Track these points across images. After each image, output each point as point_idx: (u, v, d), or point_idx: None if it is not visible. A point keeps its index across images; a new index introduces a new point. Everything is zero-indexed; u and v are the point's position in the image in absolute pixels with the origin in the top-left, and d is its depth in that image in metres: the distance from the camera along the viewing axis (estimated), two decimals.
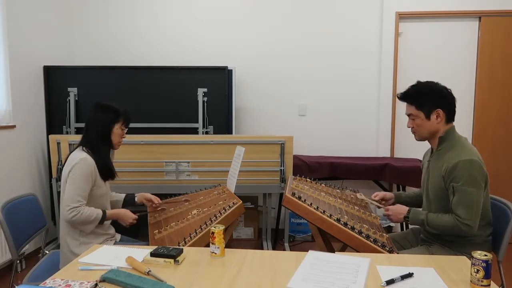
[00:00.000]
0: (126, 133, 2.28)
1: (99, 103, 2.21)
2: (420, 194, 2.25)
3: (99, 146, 2.14)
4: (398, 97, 2.06)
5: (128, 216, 2.17)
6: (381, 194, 2.25)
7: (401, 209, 2.01)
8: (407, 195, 2.28)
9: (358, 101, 4.01)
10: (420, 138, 2.04)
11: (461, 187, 1.83)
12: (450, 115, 1.97)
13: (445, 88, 1.97)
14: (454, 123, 2.01)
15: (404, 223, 3.69)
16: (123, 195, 2.41)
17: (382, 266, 1.53)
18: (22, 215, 2.13)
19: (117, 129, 2.18)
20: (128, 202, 2.40)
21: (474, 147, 1.93)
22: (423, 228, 1.97)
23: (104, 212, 2.10)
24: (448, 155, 1.92)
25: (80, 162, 2.04)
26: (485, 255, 1.34)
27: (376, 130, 4.01)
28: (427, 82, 2.01)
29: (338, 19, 3.95)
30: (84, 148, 2.14)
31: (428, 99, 1.96)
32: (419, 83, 2.02)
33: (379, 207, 2.23)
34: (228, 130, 3.62)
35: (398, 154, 4.01)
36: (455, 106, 1.98)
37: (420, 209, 2.07)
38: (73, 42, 4.09)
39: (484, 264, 1.33)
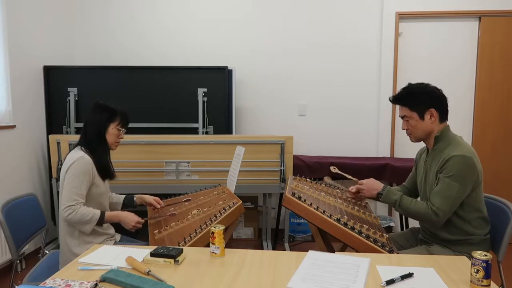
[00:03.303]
0: (126, 133, 2.26)
1: (97, 102, 2.20)
2: (400, 191, 2.26)
3: (96, 146, 2.13)
4: (390, 101, 2.08)
5: (130, 219, 2.10)
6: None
7: (376, 185, 2.04)
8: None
9: (358, 101, 4.01)
10: (416, 139, 2.06)
11: (446, 178, 1.86)
12: (443, 114, 2.00)
13: (436, 89, 2.00)
14: (454, 123, 2.03)
15: (404, 223, 3.70)
16: (123, 197, 2.39)
17: (382, 266, 1.53)
18: (22, 215, 2.13)
19: (112, 129, 2.16)
20: (128, 204, 2.38)
21: (469, 145, 1.95)
22: (394, 208, 1.99)
23: (102, 213, 2.06)
24: (444, 153, 1.94)
25: (77, 161, 2.03)
26: (485, 255, 1.34)
27: (376, 130, 4.01)
28: (418, 83, 2.03)
29: (338, 19, 3.95)
30: (82, 147, 2.13)
31: (420, 99, 1.98)
32: (410, 85, 2.04)
33: (353, 180, 2.20)
34: (228, 130, 3.62)
35: (398, 154, 4.01)
36: (447, 105, 2.01)
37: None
38: (73, 42, 4.10)
39: (484, 264, 1.33)
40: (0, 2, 2.97)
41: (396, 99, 2.05)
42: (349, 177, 2.21)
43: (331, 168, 2.32)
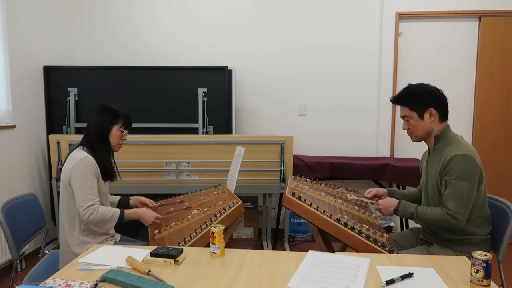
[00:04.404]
0: None
1: (101, 103, 2.21)
2: (414, 194, 2.28)
3: (98, 147, 2.14)
4: (391, 101, 2.11)
5: (149, 215, 2.13)
6: (374, 190, 2.28)
7: (391, 202, 2.06)
8: (401, 192, 2.29)
9: (358, 101, 4.01)
10: (416, 138, 2.07)
11: (453, 180, 1.86)
12: (443, 114, 2.01)
13: (436, 89, 2.01)
14: (454, 123, 2.03)
15: (404, 223, 3.71)
16: (118, 198, 2.39)
17: (382, 266, 1.53)
18: (22, 215, 2.13)
19: (115, 130, 2.17)
20: (123, 205, 2.38)
21: (469, 144, 1.96)
22: (413, 220, 2.00)
23: (122, 211, 2.09)
24: (444, 152, 1.94)
25: (81, 161, 2.04)
26: (485, 255, 1.34)
27: (376, 130, 4.01)
28: (418, 84, 2.06)
29: (338, 19, 3.95)
30: (84, 148, 2.14)
31: (420, 99, 2.00)
32: (410, 85, 2.06)
33: (372, 203, 2.25)
34: (228, 130, 3.62)
35: (398, 154, 4.01)
36: (447, 105, 2.02)
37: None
38: (73, 42, 4.10)
39: (484, 264, 1.33)
40: (0, 2, 2.97)
41: (397, 99, 2.07)
42: (366, 200, 2.24)
43: (348, 195, 2.35)
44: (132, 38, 4.08)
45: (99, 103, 2.21)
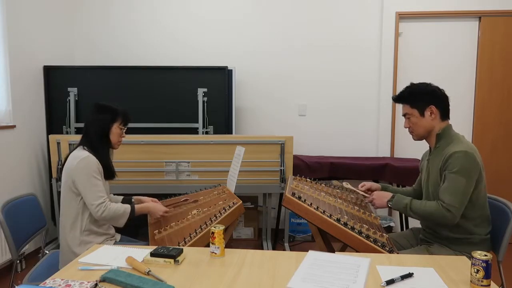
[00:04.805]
0: (126, 133, 2.28)
1: (97, 103, 2.23)
2: (407, 192, 2.28)
3: (99, 146, 2.15)
4: (393, 99, 2.13)
5: (158, 209, 2.19)
6: (368, 184, 2.29)
7: (385, 194, 2.08)
8: (395, 189, 2.30)
9: (358, 101, 4.01)
10: (417, 137, 2.07)
11: (451, 174, 1.87)
12: (444, 112, 2.01)
13: (438, 88, 2.03)
14: (454, 123, 2.04)
15: (404, 223, 3.71)
16: (121, 198, 2.40)
17: (382, 266, 1.53)
18: (22, 215, 2.13)
19: (115, 128, 2.19)
20: None
21: (470, 143, 1.97)
22: (405, 213, 2.00)
23: (132, 206, 2.12)
24: (446, 150, 1.95)
25: (84, 160, 2.05)
26: (485, 255, 1.34)
27: (376, 130, 4.01)
28: (420, 83, 2.07)
29: (338, 19, 3.95)
30: (84, 147, 2.14)
31: (421, 97, 2.01)
32: (412, 84, 2.08)
33: (364, 197, 2.26)
34: (228, 130, 3.62)
35: (398, 154, 4.01)
36: (448, 104, 2.03)
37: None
38: (73, 42, 4.10)
39: (484, 264, 1.33)
40: (0, 2, 2.97)
41: (398, 98, 2.09)
42: (361, 193, 2.25)
43: (344, 183, 2.36)
44: (132, 38, 4.09)
45: (96, 102, 2.24)
